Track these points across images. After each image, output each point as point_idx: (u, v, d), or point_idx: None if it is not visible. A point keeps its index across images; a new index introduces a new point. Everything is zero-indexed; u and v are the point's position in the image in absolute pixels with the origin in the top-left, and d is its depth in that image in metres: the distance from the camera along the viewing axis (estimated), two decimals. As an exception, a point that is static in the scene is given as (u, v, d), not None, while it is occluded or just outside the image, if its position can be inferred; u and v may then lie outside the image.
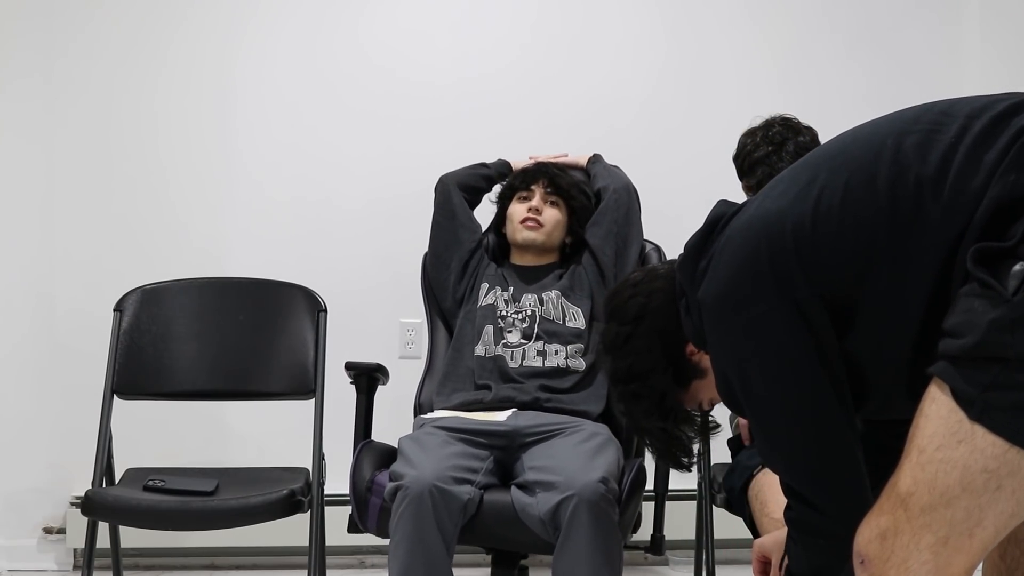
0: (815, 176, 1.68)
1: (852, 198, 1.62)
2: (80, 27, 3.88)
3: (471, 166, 3.29)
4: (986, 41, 4.03)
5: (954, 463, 1.46)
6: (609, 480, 2.57)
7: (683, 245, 1.85)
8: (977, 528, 1.47)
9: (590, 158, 3.31)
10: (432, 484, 2.54)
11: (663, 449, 2.00)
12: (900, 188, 1.58)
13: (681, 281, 1.84)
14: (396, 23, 3.97)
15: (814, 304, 1.64)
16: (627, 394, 1.94)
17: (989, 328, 1.44)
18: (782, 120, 2.93)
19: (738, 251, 1.71)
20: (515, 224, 3.15)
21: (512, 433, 2.80)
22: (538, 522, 2.56)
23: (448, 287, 3.19)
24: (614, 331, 1.94)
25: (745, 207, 1.79)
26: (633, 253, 3.14)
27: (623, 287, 1.99)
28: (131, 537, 3.31)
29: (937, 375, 1.50)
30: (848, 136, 1.73)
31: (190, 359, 3.28)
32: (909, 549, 1.50)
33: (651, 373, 1.91)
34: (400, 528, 2.55)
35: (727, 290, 1.72)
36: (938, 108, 1.65)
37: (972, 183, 1.53)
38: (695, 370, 1.90)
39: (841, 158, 1.67)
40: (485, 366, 3.02)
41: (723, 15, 4.02)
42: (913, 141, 1.60)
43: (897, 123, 1.66)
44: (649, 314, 1.91)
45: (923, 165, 1.58)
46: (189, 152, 3.92)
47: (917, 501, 1.49)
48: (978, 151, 1.55)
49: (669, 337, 1.88)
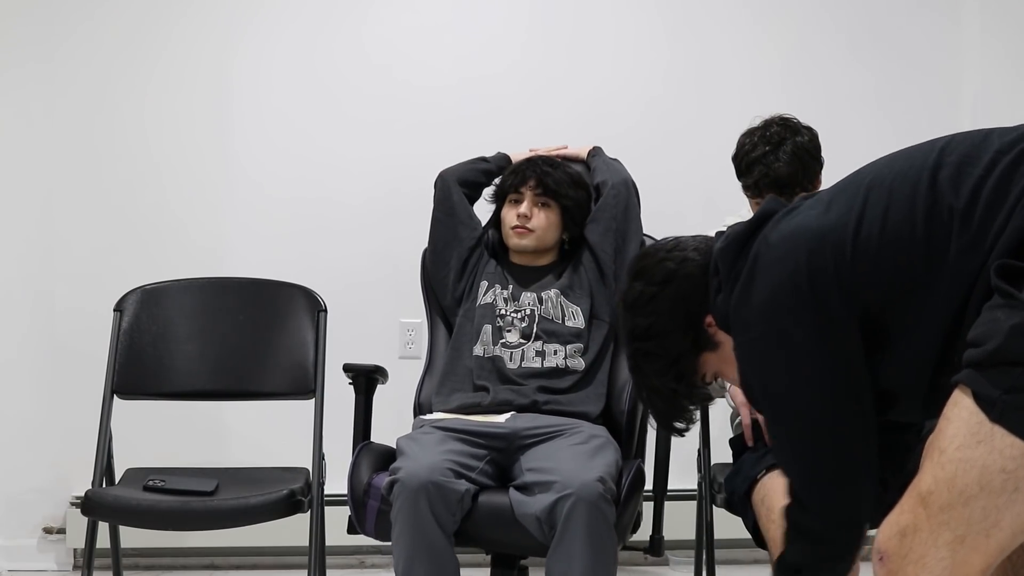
0: (854, 201, 1.74)
1: (891, 228, 1.69)
2: (81, 27, 3.88)
3: (470, 160, 3.26)
4: (985, 32, 4.03)
5: (973, 462, 1.51)
6: (607, 480, 2.57)
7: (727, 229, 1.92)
8: (994, 529, 1.52)
9: (590, 151, 3.28)
10: (427, 478, 2.54)
11: (665, 410, 2.03)
12: (935, 220, 1.65)
13: (719, 262, 1.88)
14: (396, 23, 3.97)
15: (848, 323, 1.71)
16: (641, 352, 1.97)
17: (1010, 333, 1.51)
18: (780, 120, 2.92)
19: (779, 263, 1.77)
20: (507, 230, 3.13)
21: (510, 435, 2.79)
22: (534, 521, 2.56)
23: (448, 285, 3.17)
24: (638, 290, 1.97)
25: (791, 214, 1.84)
26: (632, 249, 3.10)
27: (654, 250, 2.03)
28: (131, 537, 3.31)
29: (960, 381, 1.56)
30: (884, 165, 1.79)
31: (190, 359, 3.27)
32: (927, 546, 1.54)
33: (670, 334, 1.94)
34: (399, 522, 2.56)
35: (765, 299, 1.77)
36: (970, 140, 1.72)
37: (999, 214, 1.61)
38: (709, 342, 1.94)
39: (880, 188, 1.74)
40: (484, 367, 3.01)
41: (723, 16, 4.01)
42: (947, 174, 1.68)
43: (931, 155, 1.72)
44: (678, 279, 1.94)
45: (956, 198, 1.65)
46: (189, 151, 3.92)
47: (936, 499, 1.54)
48: (1005, 184, 1.62)
49: (693, 306, 1.92)
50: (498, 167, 3.24)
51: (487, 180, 3.25)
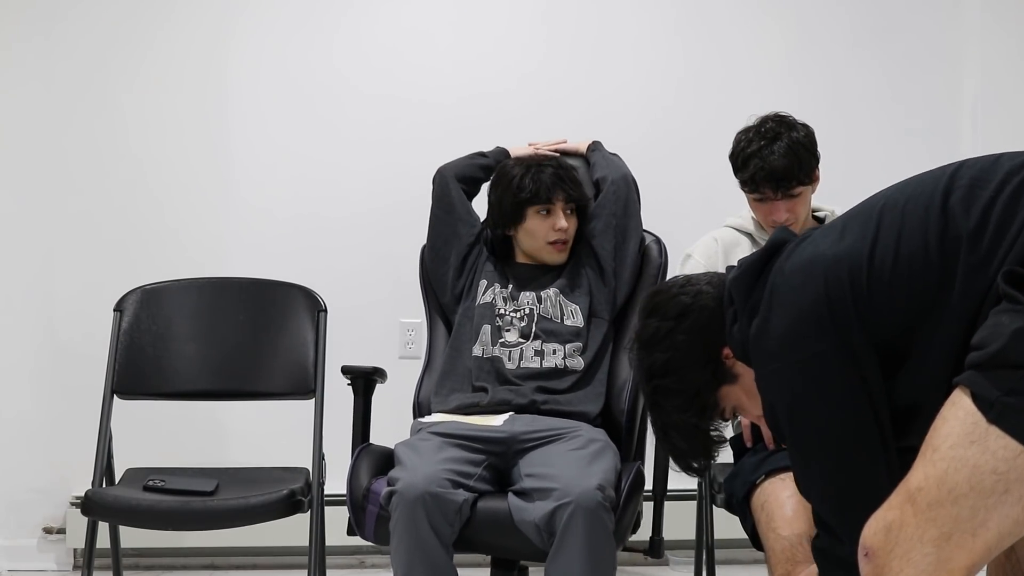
0: (867, 228, 1.75)
1: (904, 254, 1.70)
2: (82, 28, 3.88)
3: (469, 156, 3.23)
4: (985, 30, 4.03)
5: (964, 461, 1.52)
6: (606, 487, 2.56)
7: (736, 261, 1.94)
8: (981, 528, 1.52)
9: (590, 145, 3.25)
10: (424, 489, 2.54)
11: (683, 449, 2.01)
12: (948, 244, 1.67)
13: (733, 293, 1.88)
14: (397, 23, 3.97)
15: (866, 349, 1.72)
16: (660, 388, 1.96)
17: (1012, 336, 1.52)
18: (776, 117, 2.93)
19: (797, 292, 1.77)
20: (540, 243, 3.06)
21: (509, 439, 2.78)
22: (533, 528, 2.56)
23: (447, 282, 3.16)
24: (654, 326, 1.96)
25: (805, 243, 1.85)
26: (632, 246, 3.10)
27: (666, 287, 2.02)
28: (131, 537, 3.31)
29: (960, 382, 1.57)
30: (896, 190, 1.80)
31: (190, 359, 3.27)
32: (912, 541, 1.55)
33: (688, 368, 1.93)
34: (397, 533, 2.56)
35: (786, 330, 1.77)
36: (980, 164, 1.73)
37: (1008, 232, 1.62)
38: (728, 374, 1.93)
39: (893, 213, 1.74)
40: (483, 367, 3.00)
41: (722, 17, 4.01)
42: (958, 197, 1.69)
43: (943, 179, 1.73)
44: (693, 312, 1.93)
45: (966, 220, 1.66)
46: (190, 151, 3.92)
47: (925, 496, 1.54)
48: (1013, 204, 1.64)
49: (711, 337, 1.92)
50: (497, 162, 3.20)
51: (485, 176, 3.21)
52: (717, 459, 2.07)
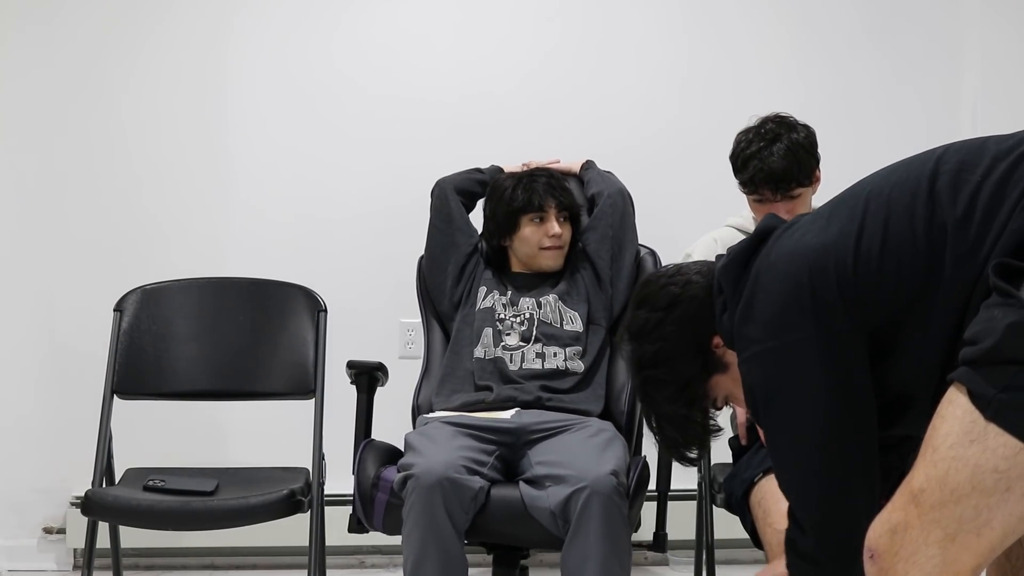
0: (854, 214, 1.74)
1: (892, 241, 1.69)
2: (80, 27, 3.88)
3: (467, 171, 3.29)
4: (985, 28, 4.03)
5: (965, 461, 1.51)
6: (620, 473, 2.60)
7: (727, 249, 1.92)
8: (985, 528, 1.52)
9: (583, 164, 3.31)
10: (442, 474, 2.55)
11: (676, 439, 2.01)
12: (935, 230, 1.66)
13: (721, 281, 1.88)
14: (397, 24, 3.96)
15: (853, 336, 1.71)
16: (651, 379, 1.96)
17: (1007, 331, 1.50)
18: (777, 117, 2.93)
19: (782, 280, 1.77)
20: (534, 250, 3.11)
21: (518, 430, 2.81)
22: (548, 515, 2.58)
23: (445, 290, 3.18)
24: (643, 317, 1.96)
25: (791, 230, 1.84)
26: (628, 257, 3.15)
27: (655, 277, 2.02)
28: (131, 537, 3.31)
29: (956, 379, 1.56)
30: (882, 176, 1.79)
31: (190, 359, 3.28)
32: (918, 543, 1.54)
33: (678, 359, 1.93)
34: (412, 518, 2.56)
35: (769, 316, 1.77)
36: (967, 148, 1.72)
37: (996, 219, 1.61)
38: (718, 363, 1.93)
39: (879, 200, 1.74)
40: (485, 368, 3.02)
41: (723, 19, 4.01)
42: (944, 182, 1.68)
43: (928, 164, 1.72)
44: (682, 302, 1.93)
45: (953, 206, 1.65)
46: (189, 151, 3.92)
47: (928, 497, 1.54)
48: (1002, 189, 1.62)
49: (700, 327, 1.91)
50: (492, 178, 3.27)
51: (482, 190, 3.27)
52: (713, 441, 2.05)
